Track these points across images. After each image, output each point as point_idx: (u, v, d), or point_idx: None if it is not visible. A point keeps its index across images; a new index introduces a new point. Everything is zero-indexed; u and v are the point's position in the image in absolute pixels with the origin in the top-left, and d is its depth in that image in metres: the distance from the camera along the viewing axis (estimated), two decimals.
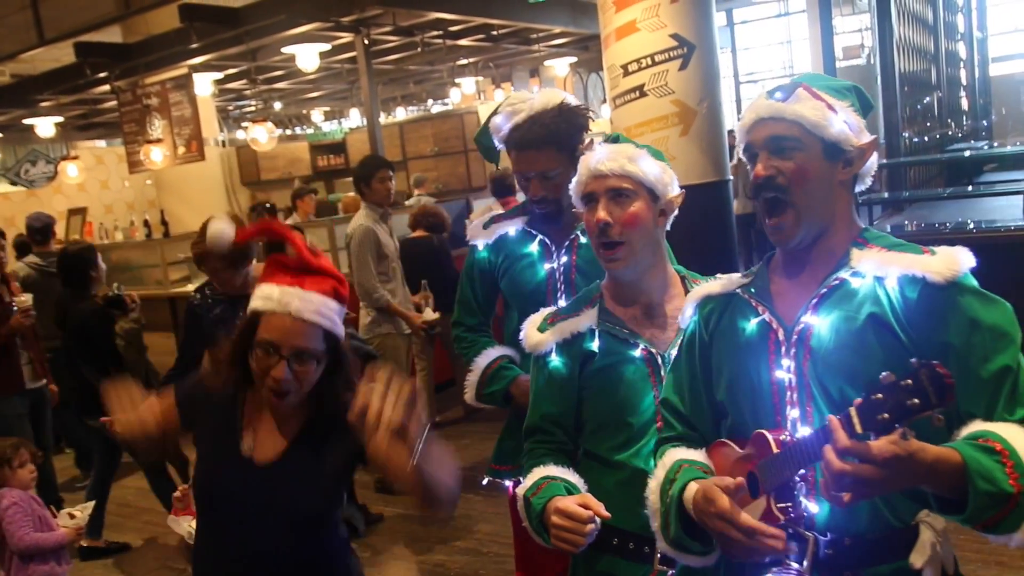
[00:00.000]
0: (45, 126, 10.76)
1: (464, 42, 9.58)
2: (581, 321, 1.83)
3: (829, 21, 7.68)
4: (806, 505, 1.36)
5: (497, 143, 2.40)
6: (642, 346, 1.78)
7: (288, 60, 8.77)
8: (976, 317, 1.34)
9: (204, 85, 8.76)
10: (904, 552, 1.35)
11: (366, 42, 7.85)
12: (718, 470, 1.52)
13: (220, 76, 9.71)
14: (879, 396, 1.14)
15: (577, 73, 13.04)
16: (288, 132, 16.83)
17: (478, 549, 4.09)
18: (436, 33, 8.91)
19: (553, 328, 1.85)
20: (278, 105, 14.60)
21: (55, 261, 5.70)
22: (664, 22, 4.01)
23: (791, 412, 1.42)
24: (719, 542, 1.42)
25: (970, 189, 7.47)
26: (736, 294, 1.56)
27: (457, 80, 11.85)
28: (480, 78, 12.45)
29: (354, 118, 15.20)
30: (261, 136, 8.74)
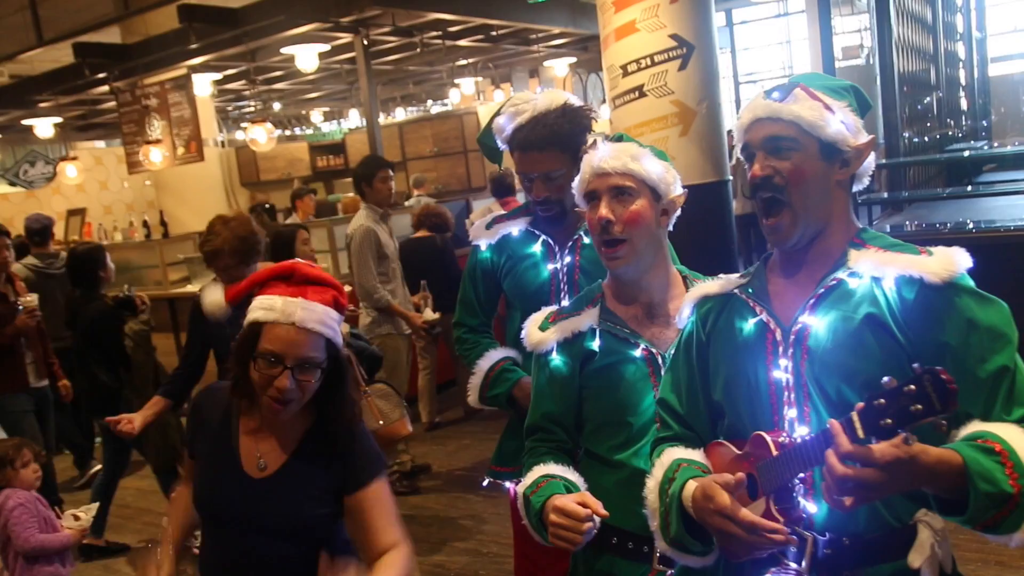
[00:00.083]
0: (44, 127, 10.76)
1: (463, 42, 9.58)
2: (582, 320, 1.83)
3: (828, 21, 7.67)
4: (805, 505, 1.37)
5: (500, 144, 2.39)
6: (643, 346, 1.78)
7: (287, 61, 8.78)
8: (973, 317, 1.34)
9: (203, 86, 8.77)
10: (903, 552, 1.34)
11: (365, 43, 7.85)
12: (715, 470, 1.52)
13: (219, 77, 9.72)
14: (881, 401, 1.13)
15: (576, 73, 13.05)
16: (287, 133, 16.84)
17: (478, 550, 4.09)
18: (435, 33, 8.92)
19: (554, 327, 1.85)
20: (277, 106, 14.61)
21: (53, 262, 5.72)
22: (663, 22, 4.02)
23: (788, 412, 1.42)
24: (718, 540, 1.42)
25: (969, 189, 7.47)
26: (734, 294, 1.56)
27: (456, 80, 11.86)
28: (479, 79, 12.45)
29: (353, 119, 15.22)
30: (260, 137, 8.74)
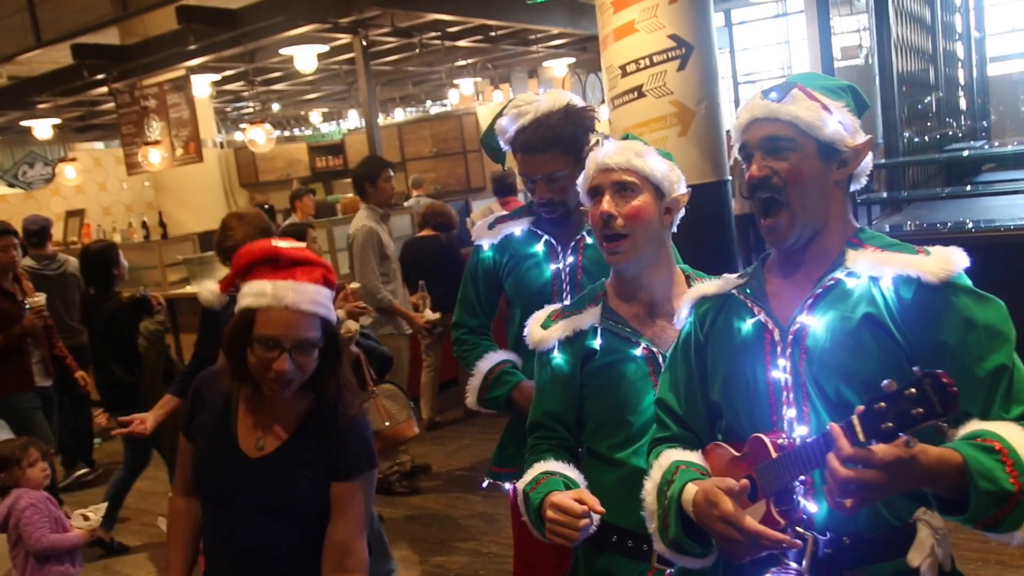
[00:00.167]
0: (43, 128, 10.75)
1: (462, 43, 9.57)
2: (584, 318, 1.84)
3: (827, 21, 7.66)
4: (805, 506, 1.37)
5: (503, 145, 2.39)
6: (643, 345, 1.78)
7: (286, 61, 8.77)
8: (971, 316, 1.34)
9: (202, 87, 8.76)
10: (903, 551, 1.35)
11: (364, 43, 7.84)
12: (713, 471, 1.53)
13: (218, 78, 9.71)
14: (881, 405, 1.13)
15: (576, 74, 13.05)
16: (286, 133, 16.84)
17: (478, 550, 4.09)
18: (434, 34, 8.91)
19: (556, 325, 1.87)
20: (276, 106, 14.60)
21: (48, 264, 5.73)
22: (662, 23, 4.01)
23: (787, 412, 1.42)
24: (720, 543, 1.42)
25: (968, 189, 7.45)
26: (732, 294, 1.56)
27: (455, 81, 11.87)
28: (478, 79, 12.46)
29: (352, 119, 15.23)
30: (259, 137, 8.73)
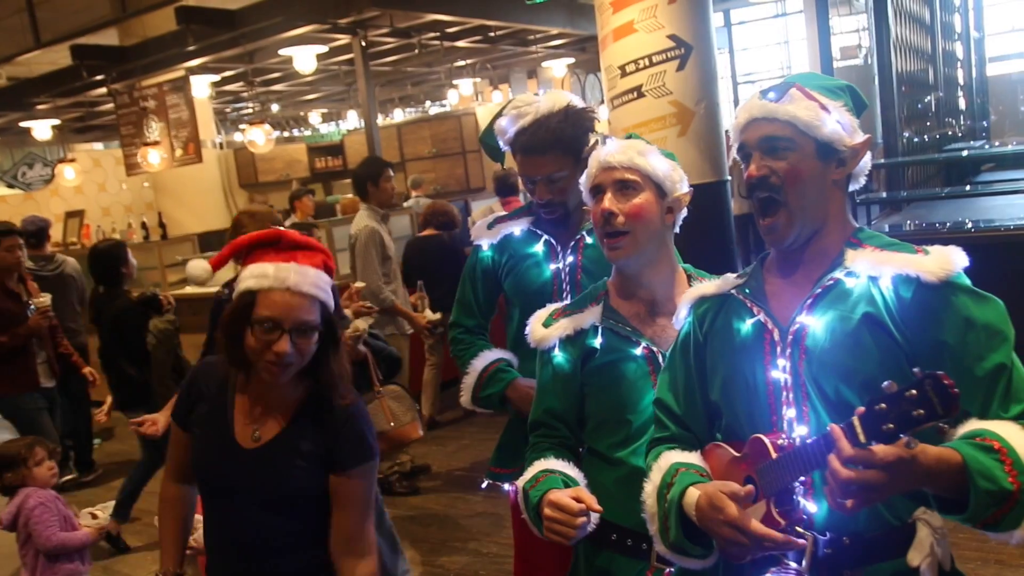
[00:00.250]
0: (42, 129, 10.75)
1: (461, 43, 9.58)
2: (585, 317, 1.85)
3: (826, 21, 7.67)
4: (804, 505, 1.37)
5: (502, 145, 2.39)
6: (643, 344, 1.79)
7: (285, 62, 8.77)
8: (970, 316, 1.34)
9: (201, 87, 8.77)
10: (902, 550, 1.34)
11: (363, 44, 7.85)
12: (713, 472, 1.53)
13: (217, 78, 9.72)
14: (882, 406, 1.13)
15: (575, 74, 13.06)
16: (286, 134, 16.85)
17: (478, 550, 4.09)
18: (433, 35, 8.92)
19: (558, 323, 1.87)
20: (275, 107, 14.61)
21: (45, 265, 5.74)
22: (661, 23, 4.01)
23: (787, 412, 1.42)
24: (722, 546, 1.41)
25: (968, 189, 7.44)
26: (731, 294, 1.57)
27: (455, 81, 11.87)
28: (478, 79, 12.46)
29: (352, 120, 15.24)
30: (259, 138, 8.74)
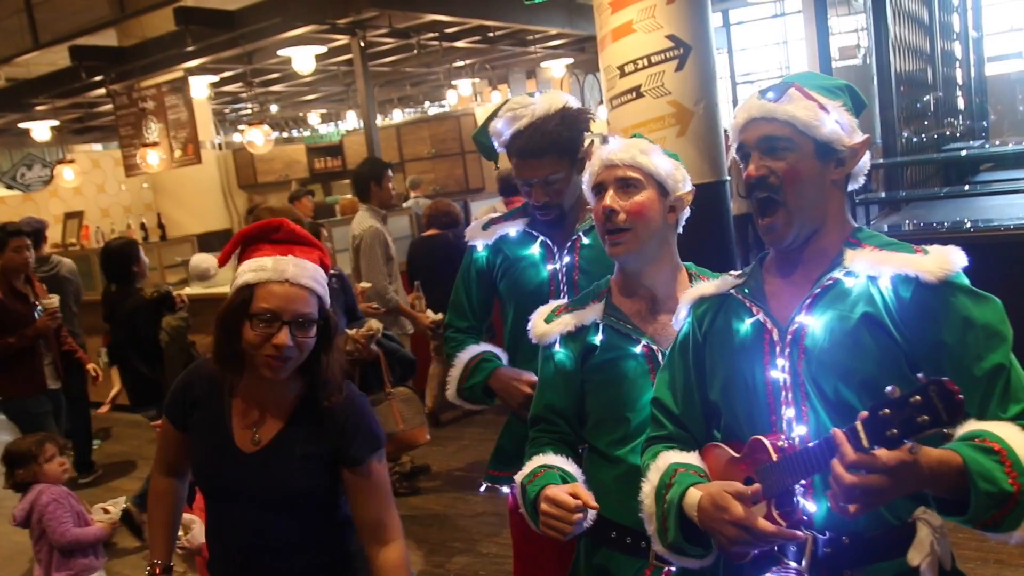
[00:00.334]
0: (41, 130, 10.74)
1: (460, 44, 9.58)
2: (587, 314, 1.86)
3: (825, 21, 7.66)
4: (804, 505, 1.37)
5: (497, 146, 2.39)
6: (643, 342, 1.79)
7: (284, 63, 8.76)
8: (969, 316, 1.34)
9: (200, 88, 8.76)
10: (902, 550, 1.35)
11: (362, 44, 7.84)
12: (711, 472, 1.53)
13: (216, 79, 9.71)
14: (886, 411, 1.13)
15: (574, 74, 13.05)
16: (285, 135, 16.85)
17: (478, 550, 4.09)
18: (432, 35, 8.92)
19: (560, 319, 1.88)
20: (274, 108, 14.61)
21: (41, 266, 5.73)
22: (660, 23, 4.01)
23: (786, 412, 1.42)
24: (725, 546, 1.41)
25: (967, 188, 7.45)
26: (730, 295, 1.57)
27: (453, 82, 11.87)
28: (476, 80, 12.46)
29: (351, 120, 15.23)
30: (258, 139, 8.73)
